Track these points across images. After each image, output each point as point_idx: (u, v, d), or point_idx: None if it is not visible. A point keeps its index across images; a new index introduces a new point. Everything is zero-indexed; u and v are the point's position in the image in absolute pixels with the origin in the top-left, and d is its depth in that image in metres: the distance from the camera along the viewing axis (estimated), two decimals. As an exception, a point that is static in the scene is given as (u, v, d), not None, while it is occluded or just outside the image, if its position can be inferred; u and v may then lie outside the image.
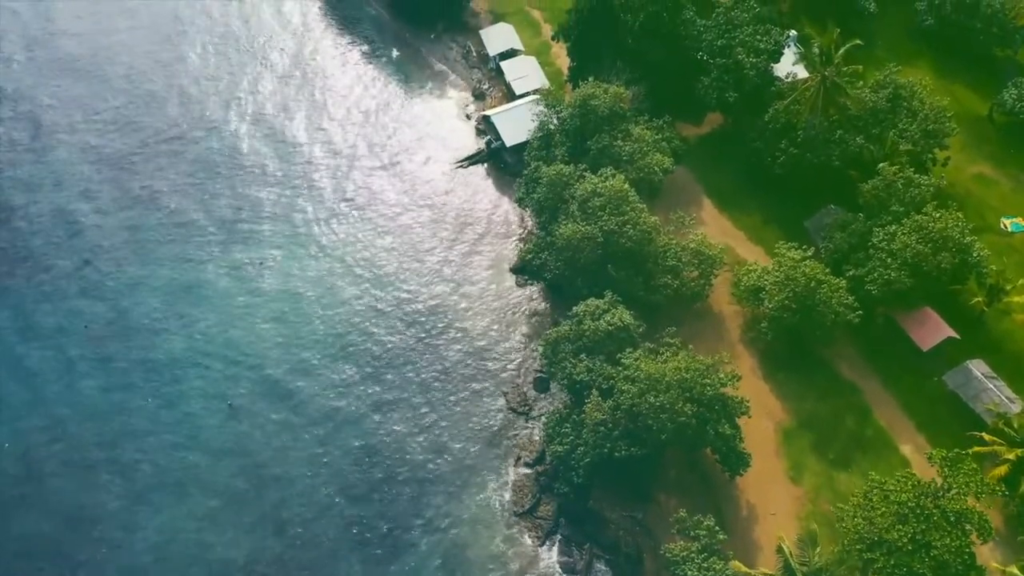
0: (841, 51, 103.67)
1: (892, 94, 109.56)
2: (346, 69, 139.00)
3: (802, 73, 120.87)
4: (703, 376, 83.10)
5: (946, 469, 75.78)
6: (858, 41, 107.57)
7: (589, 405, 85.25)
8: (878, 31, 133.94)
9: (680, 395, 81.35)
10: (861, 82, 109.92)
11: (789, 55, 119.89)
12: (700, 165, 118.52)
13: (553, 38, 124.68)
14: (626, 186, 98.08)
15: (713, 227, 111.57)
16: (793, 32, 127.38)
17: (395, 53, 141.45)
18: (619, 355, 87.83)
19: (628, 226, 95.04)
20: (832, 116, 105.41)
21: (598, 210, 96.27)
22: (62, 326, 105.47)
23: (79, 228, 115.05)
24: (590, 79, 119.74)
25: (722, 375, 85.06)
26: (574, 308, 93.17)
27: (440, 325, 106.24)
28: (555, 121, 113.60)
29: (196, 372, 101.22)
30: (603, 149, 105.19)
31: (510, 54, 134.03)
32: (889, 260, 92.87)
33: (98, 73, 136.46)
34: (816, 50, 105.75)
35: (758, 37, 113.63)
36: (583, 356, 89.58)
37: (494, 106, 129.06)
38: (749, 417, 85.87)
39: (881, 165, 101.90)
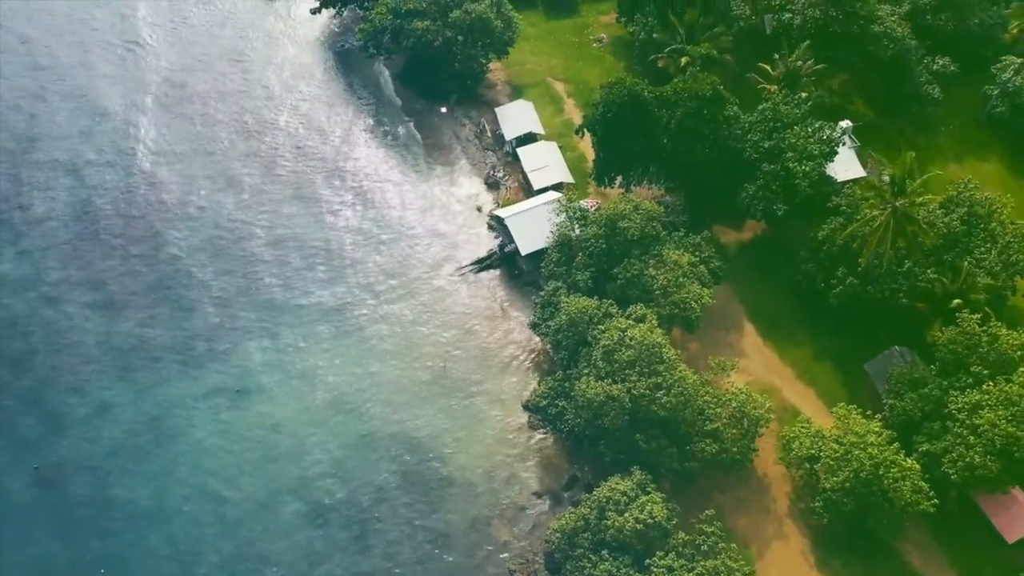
0: (918, 182, 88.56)
1: (967, 213, 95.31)
2: (346, 147, 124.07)
3: (857, 170, 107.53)
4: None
5: None
6: (938, 171, 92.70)
7: (613, 633, 71.18)
8: (942, 118, 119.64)
9: (723, 636, 67.26)
10: (931, 198, 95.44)
11: (844, 151, 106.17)
12: (741, 279, 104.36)
13: (577, 132, 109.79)
14: (659, 336, 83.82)
15: (756, 360, 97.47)
16: (847, 123, 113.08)
17: (401, 130, 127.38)
18: (648, 560, 73.64)
19: (662, 391, 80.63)
20: (899, 246, 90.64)
21: (626, 366, 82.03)
22: (9, 464, 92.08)
23: (36, 343, 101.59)
24: (617, 180, 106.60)
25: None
26: (595, 492, 79.04)
27: (438, 473, 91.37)
28: (576, 231, 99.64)
29: (156, 530, 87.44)
30: (632, 279, 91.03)
31: (528, 138, 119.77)
32: (972, 439, 78.14)
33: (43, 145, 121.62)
34: (886, 178, 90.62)
35: (809, 139, 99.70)
36: (605, 554, 75.38)
37: (509, 200, 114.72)
38: (806, 655, 71.68)
39: (957, 303, 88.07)
